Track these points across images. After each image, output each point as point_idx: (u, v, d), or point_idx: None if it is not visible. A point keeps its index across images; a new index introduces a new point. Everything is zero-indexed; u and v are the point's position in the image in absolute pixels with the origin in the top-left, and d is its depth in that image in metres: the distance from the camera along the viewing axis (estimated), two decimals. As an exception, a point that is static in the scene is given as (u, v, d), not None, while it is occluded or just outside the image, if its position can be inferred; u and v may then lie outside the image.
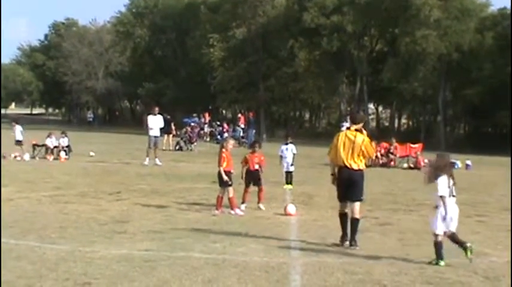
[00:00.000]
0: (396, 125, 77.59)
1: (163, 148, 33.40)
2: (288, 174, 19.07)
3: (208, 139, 48.60)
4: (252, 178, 14.33)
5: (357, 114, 12.02)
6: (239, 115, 53.34)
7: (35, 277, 7.84)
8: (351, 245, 10.09)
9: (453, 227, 9.12)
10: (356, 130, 10.43)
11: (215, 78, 60.84)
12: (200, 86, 66.47)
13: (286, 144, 19.45)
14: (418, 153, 30.09)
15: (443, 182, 9.00)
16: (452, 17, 52.05)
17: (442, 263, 8.94)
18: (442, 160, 9.27)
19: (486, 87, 52.88)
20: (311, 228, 11.94)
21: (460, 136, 69.86)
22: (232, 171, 13.70)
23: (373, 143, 29.96)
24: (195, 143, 38.11)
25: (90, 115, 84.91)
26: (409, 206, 15.62)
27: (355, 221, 10.28)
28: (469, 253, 8.95)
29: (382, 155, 29.89)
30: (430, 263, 8.97)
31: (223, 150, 13.71)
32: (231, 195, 13.52)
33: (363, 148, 10.25)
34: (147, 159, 25.26)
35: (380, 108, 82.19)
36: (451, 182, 9.09)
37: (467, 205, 15.58)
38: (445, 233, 9.10)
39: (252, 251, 9.58)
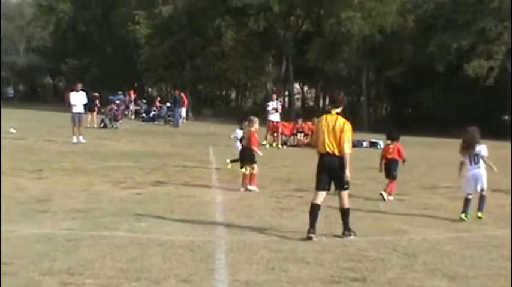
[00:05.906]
0: (321, 105, 78.60)
1: (87, 125, 32.80)
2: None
3: (133, 117, 48.05)
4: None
5: (337, 95, 9.93)
6: (182, 94, 49.61)
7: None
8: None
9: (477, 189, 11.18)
10: (337, 114, 9.43)
11: (141, 56, 60.07)
12: (126, 64, 65.47)
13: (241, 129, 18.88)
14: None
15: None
16: (376, 0, 52.98)
17: (462, 215, 10.92)
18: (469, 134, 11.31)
19: (407, 69, 54.26)
20: (236, 207, 11.97)
21: (382, 116, 71.39)
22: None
23: (301, 121, 30.53)
24: (120, 121, 37.68)
25: (10, 91, 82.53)
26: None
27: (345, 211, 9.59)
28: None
29: (306, 134, 30.23)
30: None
31: (253, 130, 14.46)
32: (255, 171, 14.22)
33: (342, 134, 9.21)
34: (74, 137, 24.83)
35: (305, 88, 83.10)
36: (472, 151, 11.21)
37: (388, 183, 15.91)
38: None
39: (177, 230, 9.51)
